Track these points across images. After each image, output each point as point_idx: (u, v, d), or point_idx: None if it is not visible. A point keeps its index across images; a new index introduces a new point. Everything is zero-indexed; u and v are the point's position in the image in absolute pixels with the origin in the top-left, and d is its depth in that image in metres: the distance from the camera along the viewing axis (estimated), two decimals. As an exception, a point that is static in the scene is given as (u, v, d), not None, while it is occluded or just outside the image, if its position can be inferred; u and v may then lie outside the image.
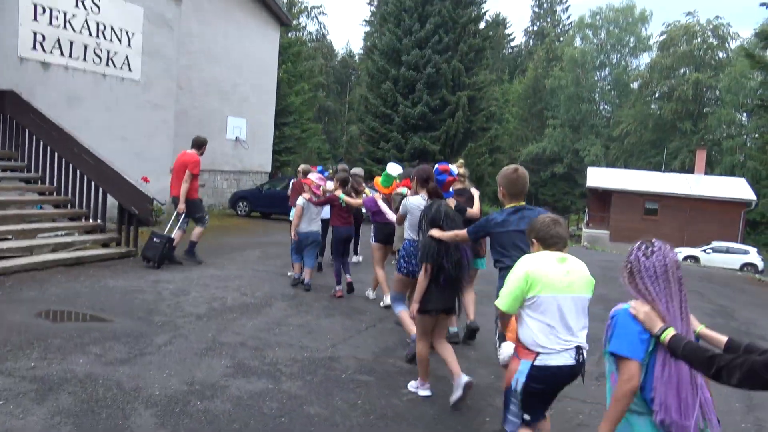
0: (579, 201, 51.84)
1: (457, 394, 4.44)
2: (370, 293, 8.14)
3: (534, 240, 3.31)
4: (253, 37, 22.14)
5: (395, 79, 31.58)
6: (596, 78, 58.50)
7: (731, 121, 48.92)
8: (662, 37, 54.26)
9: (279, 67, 25.57)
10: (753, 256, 30.73)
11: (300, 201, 7.88)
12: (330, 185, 8.12)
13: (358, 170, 10.00)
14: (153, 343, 5.40)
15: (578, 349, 3.11)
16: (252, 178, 23.59)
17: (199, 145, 9.45)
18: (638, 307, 2.38)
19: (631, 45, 57.75)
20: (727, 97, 48.37)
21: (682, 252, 30.72)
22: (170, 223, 9.39)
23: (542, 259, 3.18)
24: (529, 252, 3.39)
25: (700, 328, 2.50)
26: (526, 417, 3.19)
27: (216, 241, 12.45)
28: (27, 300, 6.54)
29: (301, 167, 10.32)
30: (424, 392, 4.77)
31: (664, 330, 2.27)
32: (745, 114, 49.55)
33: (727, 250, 30.87)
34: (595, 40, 58.04)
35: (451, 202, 5.54)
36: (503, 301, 3.21)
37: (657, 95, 53.84)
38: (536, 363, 3.07)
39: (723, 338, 2.41)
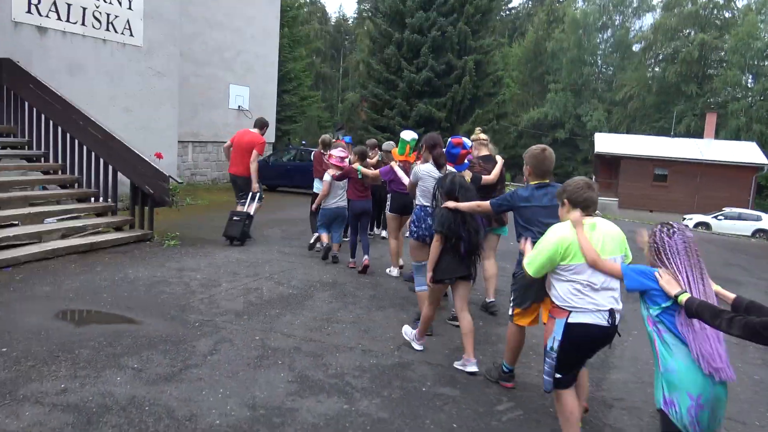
0: (582, 167, 51.08)
1: (469, 368, 4.61)
2: (393, 270, 7.83)
3: (565, 200, 3.41)
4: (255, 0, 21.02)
5: (399, 43, 30.42)
6: (598, 40, 57.19)
7: (737, 84, 47.96)
8: (668, -4, 52.90)
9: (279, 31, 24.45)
10: (766, 221, 30.21)
11: (326, 177, 7.88)
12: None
13: (371, 141, 9.82)
14: (196, 352, 4.67)
15: (611, 312, 3.22)
16: (256, 148, 22.67)
17: (262, 125, 9.48)
18: (663, 274, 2.78)
19: (635, 5, 56.37)
20: (733, 59, 47.32)
21: (693, 219, 30.20)
22: (247, 201, 9.30)
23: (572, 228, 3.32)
24: (553, 225, 3.47)
25: (715, 288, 2.85)
26: (558, 376, 3.29)
27: (231, 219, 11.66)
28: (42, 297, 5.78)
29: (322, 138, 10.11)
30: (418, 347, 5.02)
31: (680, 293, 2.67)
32: (751, 76, 48.65)
33: (739, 216, 30.34)
34: (598, 1, 56.57)
35: (467, 175, 5.64)
36: (533, 267, 3.36)
37: (661, 57, 52.78)
38: (569, 320, 3.20)
39: (732, 296, 2.79)
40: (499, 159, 6.46)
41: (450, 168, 5.55)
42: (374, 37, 31.84)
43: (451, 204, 4.51)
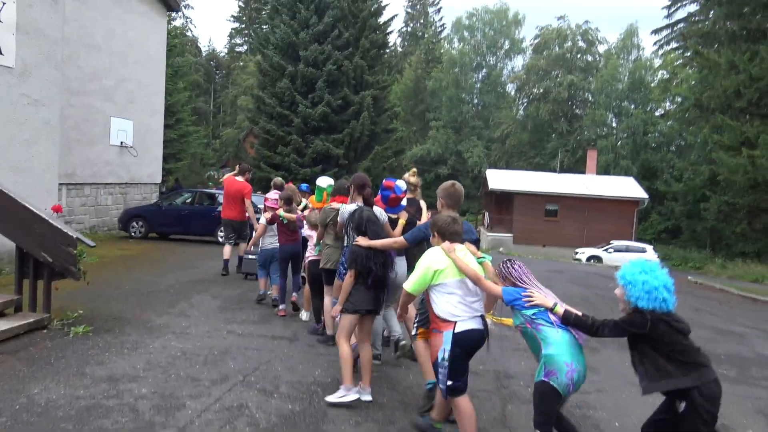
0: (466, 202, 51.69)
1: (364, 396, 4.72)
2: (304, 315, 7.58)
3: (436, 233, 4.00)
4: (139, 22, 18.47)
5: (292, 77, 28.73)
6: (474, 80, 58.97)
7: (603, 123, 51.08)
8: (536, 40, 55.75)
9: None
10: (650, 253, 31.48)
11: (262, 220, 8.14)
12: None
13: (287, 186, 9.26)
14: None
15: (482, 317, 3.87)
16: (141, 191, 19.81)
17: (244, 171, 11.01)
18: (534, 294, 3.59)
19: (506, 47, 58.88)
20: (599, 99, 50.47)
21: (585, 252, 30.84)
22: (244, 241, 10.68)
23: (440, 254, 3.88)
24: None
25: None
26: (449, 383, 3.74)
27: (140, 283, 9.26)
28: None
29: (274, 181, 9.71)
30: (353, 397, 4.68)
31: (555, 305, 3.52)
32: (613, 116, 52.01)
33: (627, 249, 31.36)
34: (472, 41, 58.48)
35: (403, 216, 5.83)
36: (411, 286, 3.90)
37: (533, 97, 55.22)
38: (456, 330, 3.71)
39: (561, 309, 3.56)
40: (423, 203, 6.41)
41: (376, 209, 5.52)
42: (265, 69, 29.90)
43: (363, 241, 4.75)
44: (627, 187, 35.34)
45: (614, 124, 51.57)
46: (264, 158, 29.24)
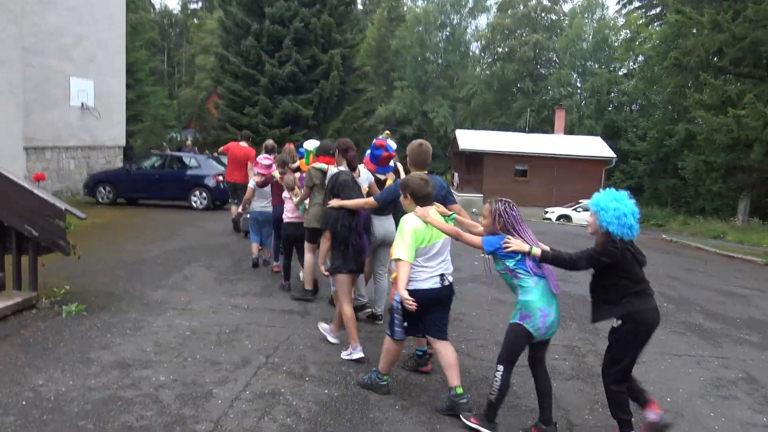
0: (432, 163, 51.37)
1: (355, 355, 4.78)
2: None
3: (408, 194, 3.98)
4: (97, -27, 17.28)
5: (258, 34, 27.61)
6: (438, 39, 58.09)
7: (568, 82, 51.10)
8: (500, -1, 55.01)
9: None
10: (618, 212, 31.97)
11: (250, 184, 8.13)
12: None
13: (269, 143, 9.79)
14: None
15: (441, 276, 3.94)
16: (104, 154, 18.86)
17: (247, 137, 11.84)
18: (511, 240, 3.60)
19: (470, 5, 57.99)
20: (564, 58, 50.38)
21: (555, 212, 31.05)
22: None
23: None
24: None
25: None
26: (406, 324, 3.97)
27: (122, 253, 8.70)
28: None
29: (267, 143, 9.75)
30: (358, 354, 4.82)
31: (531, 249, 3.57)
32: (577, 76, 52.05)
33: (594, 208, 31.75)
34: (435, 0, 57.39)
35: (391, 177, 5.83)
36: (407, 255, 3.81)
37: (498, 56, 54.75)
38: (409, 288, 3.81)
39: (539, 251, 3.63)
40: (399, 165, 6.24)
41: (364, 170, 5.74)
42: (228, 26, 28.66)
43: (335, 202, 4.87)
44: (595, 147, 35.54)
45: (579, 84, 51.64)
46: (230, 119, 28.23)
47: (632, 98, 47.50)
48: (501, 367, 3.64)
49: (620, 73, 50.31)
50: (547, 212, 31.37)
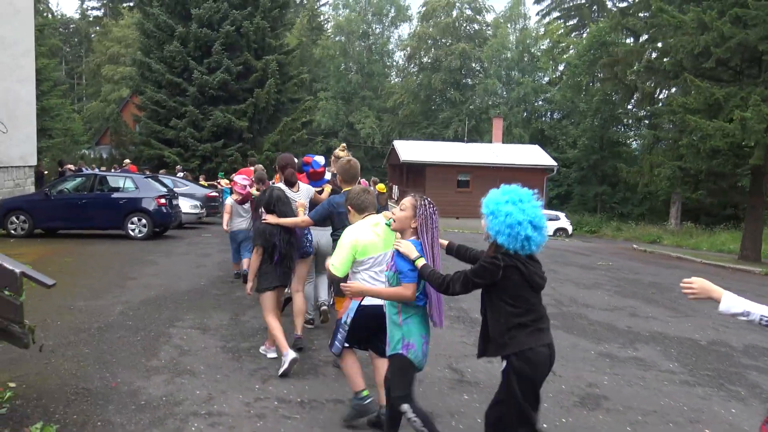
0: (363, 175, 49.75)
1: (283, 367, 4.73)
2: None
3: (350, 208, 3.92)
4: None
5: (183, 39, 24.96)
6: (359, 48, 56.71)
7: (494, 92, 50.98)
8: (424, 8, 54.27)
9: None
10: (563, 221, 31.47)
11: (228, 201, 8.31)
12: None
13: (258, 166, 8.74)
14: None
15: None
16: (12, 176, 15.87)
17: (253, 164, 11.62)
18: (402, 242, 3.19)
19: (392, 14, 57.03)
20: (491, 68, 50.24)
21: (503, 222, 30.11)
22: None
23: (361, 229, 3.75)
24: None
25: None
26: (346, 345, 3.79)
27: (72, 313, 6.39)
28: None
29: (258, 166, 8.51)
30: (272, 354, 5.17)
31: (418, 258, 3.10)
32: (502, 85, 52.07)
33: (542, 217, 31.12)
34: (357, 8, 55.99)
35: (327, 189, 6.06)
36: (340, 270, 3.69)
37: (424, 66, 53.99)
38: (363, 303, 3.68)
39: (445, 242, 3.53)
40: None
41: (303, 185, 5.89)
42: (149, 30, 25.78)
43: (271, 219, 4.88)
44: (535, 155, 35.04)
45: (505, 93, 51.63)
46: (153, 133, 25.37)
47: (559, 106, 47.86)
48: (406, 407, 3.22)
49: (544, 82, 50.73)
50: (493, 223, 30.38)
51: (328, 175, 6.30)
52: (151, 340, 5.56)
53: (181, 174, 20.17)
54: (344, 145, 6.78)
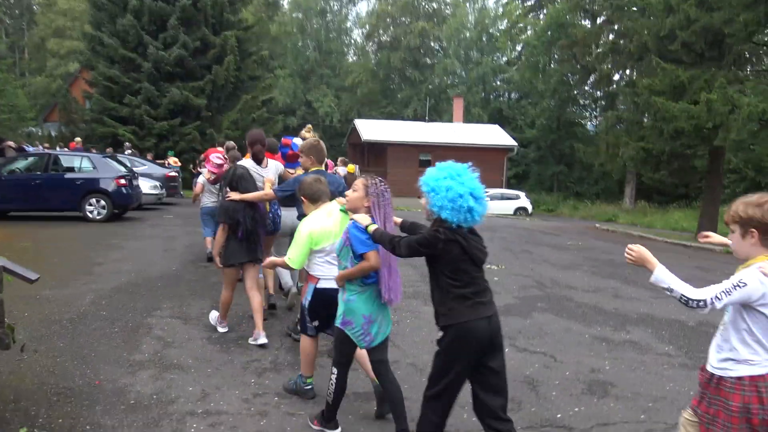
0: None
1: (260, 340, 4.95)
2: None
3: (303, 198, 3.93)
4: None
5: (137, 12, 23.92)
6: (317, 25, 55.72)
7: (454, 72, 50.87)
8: (382, -15, 53.58)
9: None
10: (523, 200, 31.74)
11: (200, 179, 8.09)
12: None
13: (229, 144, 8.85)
14: None
15: None
16: (-43, 155, 14.90)
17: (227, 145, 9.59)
18: (359, 213, 3.33)
19: (350, -9, 56.16)
20: (450, 47, 50.08)
21: (464, 202, 30.17)
22: None
23: (317, 218, 3.78)
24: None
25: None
26: (315, 324, 3.84)
27: (37, 303, 6.00)
28: None
29: (229, 144, 8.74)
30: (223, 329, 5.31)
31: (370, 224, 3.19)
32: (461, 64, 52.01)
33: (502, 197, 31.34)
34: (316, -16, 54.89)
35: (299, 171, 5.58)
36: (297, 262, 3.74)
37: (383, 45, 53.44)
38: (318, 286, 3.76)
39: (399, 219, 3.56)
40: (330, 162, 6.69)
41: (272, 162, 5.83)
42: (100, 3, 24.61)
43: (234, 195, 4.97)
44: (495, 135, 35.19)
45: (464, 73, 51.60)
46: (105, 110, 24.35)
47: (517, 87, 48.12)
48: (335, 370, 3.44)
49: (502, 62, 50.89)
50: (454, 203, 30.41)
51: None
52: (130, 332, 5.22)
53: (129, 152, 19.21)
54: (310, 126, 6.66)
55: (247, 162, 5.54)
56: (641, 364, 5.06)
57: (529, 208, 31.60)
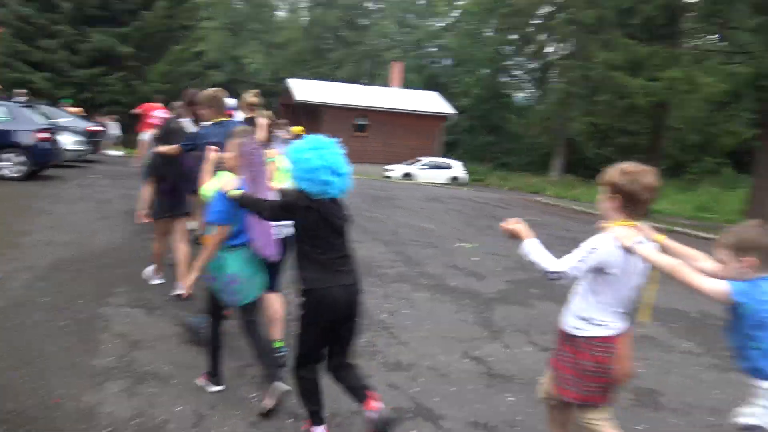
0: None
1: (177, 291, 4.91)
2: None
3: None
4: None
5: (54, -55, 21.51)
6: (250, -24, 52.94)
7: (388, 34, 49.74)
8: (318, -61, 51.35)
9: None
10: (457, 169, 31.48)
11: (146, 137, 8.42)
12: None
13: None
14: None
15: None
16: None
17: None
18: (222, 178, 3.35)
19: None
20: (387, 9, 48.87)
21: (396, 169, 29.64)
22: None
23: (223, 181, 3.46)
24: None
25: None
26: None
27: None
28: None
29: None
30: (159, 281, 5.34)
31: (233, 190, 3.18)
32: (397, 28, 50.94)
33: (436, 165, 31.02)
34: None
35: None
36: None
37: (318, 1, 51.49)
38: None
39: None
40: (262, 120, 5.47)
41: None
42: (10, -70, 21.92)
43: (161, 149, 4.97)
44: (433, 103, 34.64)
45: (400, 37, 50.56)
46: (17, 54, 21.93)
47: (453, 54, 47.64)
48: (206, 319, 3.52)
49: (439, 26, 50.18)
50: (387, 170, 29.79)
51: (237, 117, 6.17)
52: (83, 327, 4.28)
53: (23, 98, 15.96)
54: (258, 91, 6.10)
55: (186, 120, 5.41)
56: (672, 365, 4.65)
57: (465, 177, 31.38)
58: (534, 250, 2.54)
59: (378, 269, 6.79)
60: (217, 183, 3.43)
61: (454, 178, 30.77)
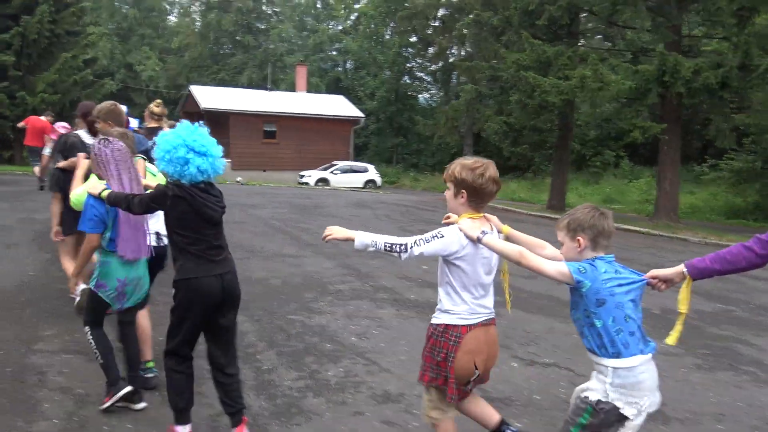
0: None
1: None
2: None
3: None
4: None
5: None
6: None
7: (288, 38, 48.99)
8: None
9: None
10: (372, 173, 31.37)
11: (46, 151, 8.89)
12: None
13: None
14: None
15: (157, 234, 3.77)
16: None
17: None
18: (90, 186, 3.34)
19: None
20: (286, 12, 48.08)
21: (312, 175, 29.14)
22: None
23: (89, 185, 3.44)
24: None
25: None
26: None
27: None
28: None
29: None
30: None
31: (102, 191, 3.18)
32: (297, 31, 50.28)
33: (351, 169, 30.75)
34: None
35: None
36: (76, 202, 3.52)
37: (211, 5, 49.85)
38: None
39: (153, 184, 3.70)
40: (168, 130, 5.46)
41: None
42: None
43: (62, 164, 4.91)
44: (341, 106, 34.29)
45: (300, 41, 49.90)
46: None
47: (355, 57, 47.57)
48: (87, 329, 3.39)
49: (339, 29, 49.96)
50: (303, 176, 29.22)
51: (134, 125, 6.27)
52: (13, 381, 3.60)
53: None
54: (160, 101, 6.19)
55: (82, 132, 5.18)
56: (661, 369, 4.50)
57: (379, 181, 31.30)
58: (369, 237, 2.55)
59: (330, 286, 6.37)
60: (84, 187, 3.40)
61: (371, 182, 30.61)
